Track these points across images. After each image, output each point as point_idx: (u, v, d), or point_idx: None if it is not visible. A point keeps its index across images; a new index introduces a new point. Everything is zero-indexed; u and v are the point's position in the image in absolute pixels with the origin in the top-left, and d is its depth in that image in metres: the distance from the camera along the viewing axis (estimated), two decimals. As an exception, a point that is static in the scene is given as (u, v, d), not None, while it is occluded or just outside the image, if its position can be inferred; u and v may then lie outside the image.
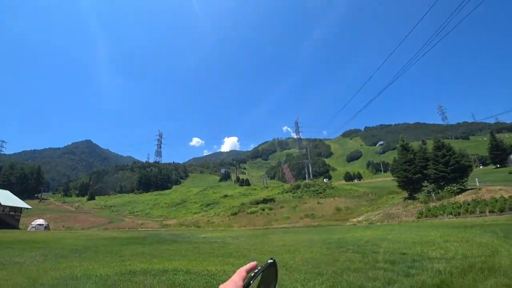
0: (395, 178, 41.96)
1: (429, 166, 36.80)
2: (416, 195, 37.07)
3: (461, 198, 31.42)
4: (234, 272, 0.69)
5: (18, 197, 63.57)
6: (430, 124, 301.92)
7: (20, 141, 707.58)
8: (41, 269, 8.11)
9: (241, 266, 0.72)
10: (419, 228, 17.97)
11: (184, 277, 6.48)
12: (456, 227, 16.29)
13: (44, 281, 6.36)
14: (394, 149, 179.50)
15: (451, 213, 27.95)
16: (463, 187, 33.99)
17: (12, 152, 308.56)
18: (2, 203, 51.80)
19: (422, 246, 9.19)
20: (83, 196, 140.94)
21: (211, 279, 6.10)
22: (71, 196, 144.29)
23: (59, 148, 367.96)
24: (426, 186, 36.42)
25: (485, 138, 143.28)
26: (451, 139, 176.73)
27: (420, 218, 29.76)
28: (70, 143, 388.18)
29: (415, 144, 67.06)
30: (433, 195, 34.62)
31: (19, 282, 6.29)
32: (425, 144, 59.65)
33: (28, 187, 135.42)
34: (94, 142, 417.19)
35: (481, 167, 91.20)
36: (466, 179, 35.29)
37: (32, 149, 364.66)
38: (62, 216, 77.65)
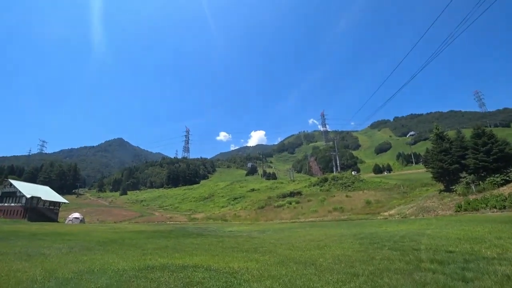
0: (429, 170, 39.45)
1: (467, 156, 34.04)
2: (453, 187, 34.47)
3: (506, 190, 28.64)
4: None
5: (57, 193, 67.83)
6: (465, 111, 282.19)
7: (58, 141, 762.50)
8: (63, 261, 8.05)
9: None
10: (460, 223, 16.40)
11: (203, 274, 6.00)
12: (505, 222, 14.63)
13: (60, 274, 6.17)
14: (426, 139, 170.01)
15: (494, 207, 25.54)
16: (507, 178, 30.93)
17: (52, 151, 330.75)
18: (43, 198, 55.50)
19: (471, 243, 8.08)
20: (116, 191, 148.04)
21: (231, 278, 5.54)
22: (105, 192, 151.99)
23: (93, 146, 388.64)
24: (465, 177, 33.70)
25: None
26: (490, 127, 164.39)
27: (459, 211, 27.56)
28: (103, 141, 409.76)
29: (450, 133, 62.84)
30: (473, 187, 32.00)
31: (35, 274, 6.15)
32: (461, 133, 55.49)
33: (66, 183, 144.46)
34: (126, 140, 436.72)
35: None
36: (511, 169, 32.20)
37: (69, 148, 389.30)
38: (97, 210, 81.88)
